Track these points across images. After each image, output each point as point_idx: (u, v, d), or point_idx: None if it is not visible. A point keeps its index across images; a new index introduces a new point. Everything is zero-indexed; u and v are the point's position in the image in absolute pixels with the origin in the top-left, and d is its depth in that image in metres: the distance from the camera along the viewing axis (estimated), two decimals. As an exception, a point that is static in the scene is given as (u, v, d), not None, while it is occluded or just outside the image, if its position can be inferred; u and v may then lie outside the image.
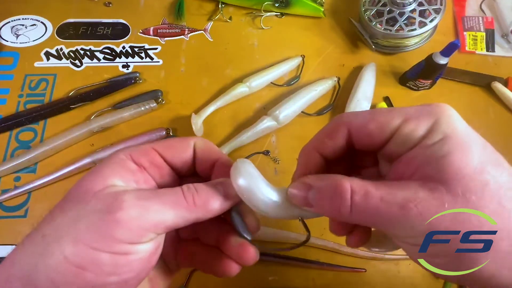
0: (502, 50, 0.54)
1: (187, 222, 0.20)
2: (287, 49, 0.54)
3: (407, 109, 0.20)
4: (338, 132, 0.22)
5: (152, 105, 0.47)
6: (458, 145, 0.18)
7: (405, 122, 0.20)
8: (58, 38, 0.53)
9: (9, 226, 0.41)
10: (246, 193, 0.21)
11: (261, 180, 0.22)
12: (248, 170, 0.22)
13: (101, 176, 0.20)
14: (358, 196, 0.19)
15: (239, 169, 0.21)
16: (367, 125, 0.21)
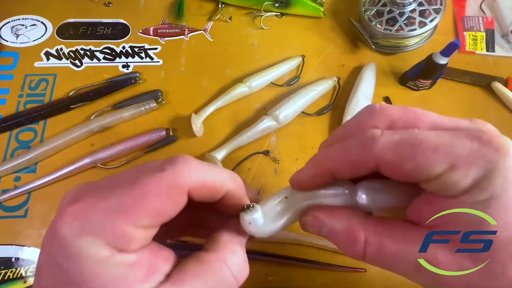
0: (502, 50, 0.54)
1: None
2: (287, 49, 0.54)
3: (457, 148, 0.16)
4: (364, 164, 0.18)
5: (152, 105, 0.47)
6: (502, 213, 0.15)
7: (451, 169, 0.16)
8: (58, 38, 0.53)
9: (9, 226, 0.41)
10: (258, 236, 0.22)
11: (269, 223, 0.22)
12: (256, 221, 0.21)
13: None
14: (371, 248, 0.18)
15: (246, 223, 0.21)
16: (402, 164, 0.17)
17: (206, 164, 0.20)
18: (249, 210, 0.21)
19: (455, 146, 0.16)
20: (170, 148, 0.46)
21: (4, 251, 0.40)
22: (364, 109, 0.21)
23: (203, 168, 0.19)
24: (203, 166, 0.19)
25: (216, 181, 0.20)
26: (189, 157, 0.19)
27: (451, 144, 0.16)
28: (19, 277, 0.39)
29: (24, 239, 0.40)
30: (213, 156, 0.43)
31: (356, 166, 0.19)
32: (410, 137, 0.17)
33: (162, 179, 0.18)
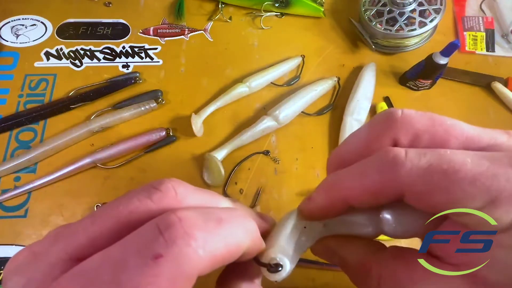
0: (502, 50, 0.54)
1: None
2: (287, 49, 0.54)
3: (501, 181, 0.13)
4: (385, 193, 0.16)
5: (152, 105, 0.47)
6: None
7: (491, 205, 0.13)
8: (58, 38, 0.53)
9: (9, 226, 0.41)
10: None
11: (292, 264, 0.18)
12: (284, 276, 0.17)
13: None
14: (386, 285, 0.16)
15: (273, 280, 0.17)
16: (433, 196, 0.14)
17: (210, 217, 0.14)
18: (276, 271, 0.16)
19: (498, 177, 0.14)
20: (170, 148, 0.46)
21: (4, 251, 0.40)
22: (381, 116, 0.18)
23: (209, 235, 0.13)
24: (208, 230, 0.14)
25: (231, 249, 0.14)
26: (189, 218, 0.13)
27: (493, 174, 0.14)
28: (19, 277, 0.39)
29: (24, 239, 0.40)
30: (213, 156, 0.43)
31: (376, 195, 0.16)
32: (442, 162, 0.14)
33: (158, 275, 0.12)
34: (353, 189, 0.16)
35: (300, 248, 0.18)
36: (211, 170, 0.43)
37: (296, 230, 0.19)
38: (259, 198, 0.43)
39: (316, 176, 0.45)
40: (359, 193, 0.16)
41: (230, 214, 0.15)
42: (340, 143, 0.46)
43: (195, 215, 0.14)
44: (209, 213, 0.15)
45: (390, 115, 0.17)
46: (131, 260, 0.12)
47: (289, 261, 0.17)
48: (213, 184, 0.43)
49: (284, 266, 0.17)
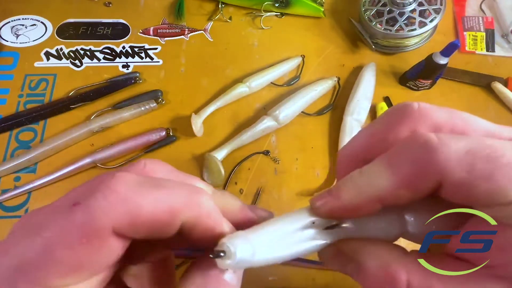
0: (502, 50, 0.54)
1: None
2: (287, 49, 0.54)
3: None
4: (423, 183, 0.14)
5: (152, 105, 0.47)
6: None
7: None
8: (58, 38, 0.53)
9: (9, 226, 0.41)
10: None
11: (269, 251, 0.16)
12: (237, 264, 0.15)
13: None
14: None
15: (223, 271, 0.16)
16: (474, 183, 0.13)
17: (150, 181, 0.14)
18: (217, 257, 0.15)
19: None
20: (170, 148, 0.46)
21: (4, 251, 0.40)
22: (397, 108, 0.16)
23: (136, 192, 0.14)
24: (138, 189, 0.14)
25: (158, 212, 0.14)
26: (121, 176, 0.14)
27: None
28: (19, 277, 0.39)
29: (24, 239, 0.40)
30: (213, 156, 0.43)
31: (412, 189, 0.14)
32: (483, 146, 0.13)
33: (71, 221, 0.13)
34: (388, 185, 0.14)
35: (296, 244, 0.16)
36: (211, 170, 0.43)
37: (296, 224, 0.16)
38: (259, 198, 0.43)
39: (316, 176, 0.45)
40: (395, 189, 0.14)
41: (176, 184, 0.15)
42: (346, 142, 0.46)
43: (133, 177, 0.14)
44: (154, 180, 0.15)
45: (407, 107, 0.16)
46: (55, 208, 0.14)
47: (242, 250, 0.15)
48: (213, 184, 0.43)
49: (228, 254, 0.14)
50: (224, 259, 0.15)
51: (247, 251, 0.15)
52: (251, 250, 0.15)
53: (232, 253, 0.14)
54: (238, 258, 0.14)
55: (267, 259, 0.15)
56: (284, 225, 0.16)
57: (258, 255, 0.15)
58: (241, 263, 0.15)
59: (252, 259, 0.15)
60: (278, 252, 0.16)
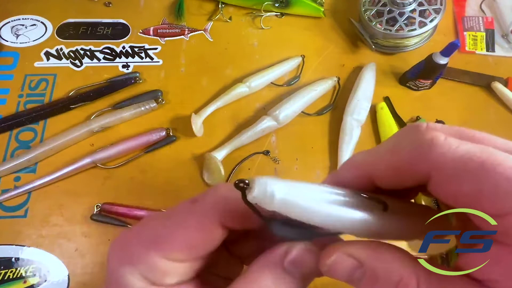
0: (502, 50, 0.54)
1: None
2: (287, 49, 0.54)
3: None
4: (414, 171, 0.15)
5: (152, 105, 0.47)
6: None
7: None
8: (58, 38, 0.53)
9: (9, 226, 0.41)
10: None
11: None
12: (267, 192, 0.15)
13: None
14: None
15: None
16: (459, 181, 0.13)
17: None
18: (241, 188, 0.15)
19: None
20: (170, 148, 0.46)
21: (4, 251, 0.40)
22: (404, 130, 0.16)
23: (234, 192, 0.16)
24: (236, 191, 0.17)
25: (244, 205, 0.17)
26: (224, 184, 0.18)
27: None
28: (19, 277, 0.39)
29: (24, 239, 0.40)
30: (213, 156, 0.43)
31: (402, 174, 0.15)
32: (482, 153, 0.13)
33: (191, 210, 0.18)
34: (381, 164, 0.16)
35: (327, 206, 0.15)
36: (211, 170, 0.43)
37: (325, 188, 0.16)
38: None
39: (316, 176, 0.45)
40: (386, 169, 0.16)
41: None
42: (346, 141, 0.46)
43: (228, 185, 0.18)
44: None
45: (414, 127, 0.16)
46: (181, 203, 0.18)
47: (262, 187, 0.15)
48: (213, 184, 0.43)
49: (251, 186, 0.15)
50: (247, 190, 0.15)
51: (270, 187, 0.15)
52: (274, 188, 0.15)
53: (253, 189, 0.15)
54: (257, 193, 0.15)
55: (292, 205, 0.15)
56: (315, 185, 0.16)
57: (283, 196, 0.15)
58: (262, 196, 0.15)
59: (274, 199, 0.15)
60: (305, 201, 0.15)
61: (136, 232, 0.18)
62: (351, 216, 0.15)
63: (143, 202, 0.42)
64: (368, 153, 0.17)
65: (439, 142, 0.14)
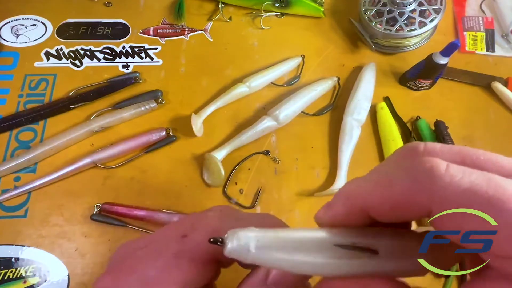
0: (502, 50, 0.54)
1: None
2: (287, 49, 0.54)
3: None
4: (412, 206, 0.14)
5: (152, 105, 0.47)
6: None
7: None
8: (58, 38, 0.53)
9: (9, 226, 0.41)
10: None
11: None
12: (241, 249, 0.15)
13: None
14: None
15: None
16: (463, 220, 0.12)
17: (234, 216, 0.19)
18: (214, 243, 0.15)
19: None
20: (170, 148, 0.46)
21: (4, 251, 0.40)
22: (400, 151, 0.15)
23: (223, 223, 0.18)
24: (225, 221, 0.18)
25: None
26: (212, 215, 0.18)
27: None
28: (19, 277, 0.39)
29: (24, 239, 0.40)
30: (213, 156, 0.43)
31: (399, 208, 0.14)
32: (489, 185, 0.12)
33: (183, 249, 0.17)
34: (375, 197, 0.14)
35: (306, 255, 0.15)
36: (211, 170, 0.43)
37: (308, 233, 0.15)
38: (259, 198, 0.43)
39: (316, 176, 0.45)
40: (381, 202, 0.14)
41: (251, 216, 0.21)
42: (346, 141, 0.46)
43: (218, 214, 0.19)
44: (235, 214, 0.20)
45: (410, 148, 0.15)
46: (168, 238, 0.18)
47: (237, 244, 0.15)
48: (213, 184, 0.43)
49: (225, 243, 0.15)
50: (223, 248, 0.15)
51: (244, 241, 0.15)
52: (249, 242, 0.15)
53: (226, 245, 0.15)
54: (229, 248, 0.15)
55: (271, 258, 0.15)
56: (295, 231, 0.15)
57: (257, 249, 0.15)
58: (237, 252, 0.15)
59: (249, 251, 0.15)
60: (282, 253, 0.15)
61: (124, 275, 0.17)
62: (334, 265, 0.15)
63: (143, 202, 0.42)
64: (360, 184, 0.15)
65: (440, 173, 0.13)
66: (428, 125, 0.47)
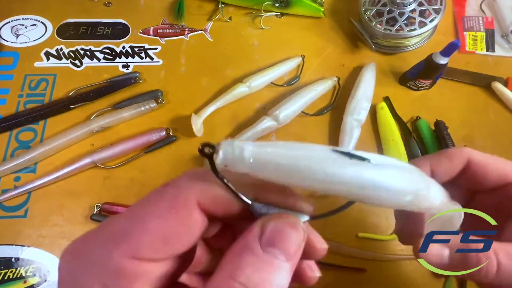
0: (502, 50, 0.54)
1: None
2: (287, 49, 0.54)
3: None
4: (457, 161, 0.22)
5: (152, 105, 0.47)
6: None
7: None
8: (58, 38, 0.53)
9: (9, 226, 0.41)
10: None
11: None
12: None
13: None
14: (502, 256, 0.18)
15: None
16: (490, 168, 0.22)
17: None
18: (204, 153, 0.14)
19: None
20: (170, 148, 0.46)
21: (4, 251, 0.40)
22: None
23: (210, 175, 0.15)
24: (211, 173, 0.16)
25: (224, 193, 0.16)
26: (200, 168, 0.17)
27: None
28: (19, 277, 0.39)
29: (24, 239, 0.40)
30: None
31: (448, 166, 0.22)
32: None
33: (162, 195, 0.15)
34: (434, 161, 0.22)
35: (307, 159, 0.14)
36: (211, 170, 0.43)
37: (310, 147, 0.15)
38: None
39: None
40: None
41: None
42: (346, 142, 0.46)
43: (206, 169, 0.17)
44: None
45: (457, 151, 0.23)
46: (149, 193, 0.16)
47: (229, 146, 0.14)
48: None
49: (217, 150, 0.14)
50: (215, 157, 0.14)
51: (239, 146, 0.14)
52: (244, 146, 0.14)
53: (220, 155, 0.14)
54: (222, 154, 0.14)
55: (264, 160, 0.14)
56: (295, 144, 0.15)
57: (251, 154, 0.14)
58: (230, 159, 0.14)
59: (244, 155, 0.14)
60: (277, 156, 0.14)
61: (92, 234, 0.15)
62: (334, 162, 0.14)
63: (143, 202, 0.42)
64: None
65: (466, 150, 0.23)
66: (428, 125, 0.47)
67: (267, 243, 0.14)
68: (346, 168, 0.14)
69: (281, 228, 0.15)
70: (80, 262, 0.14)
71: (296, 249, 0.15)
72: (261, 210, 0.16)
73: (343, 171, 0.14)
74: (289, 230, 0.15)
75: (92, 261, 0.14)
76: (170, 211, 0.14)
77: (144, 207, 0.14)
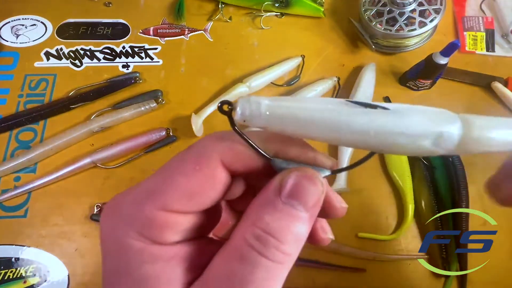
0: (502, 50, 0.54)
1: None
2: (287, 49, 0.54)
3: None
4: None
5: (152, 105, 0.47)
6: None
7: None
8: (58, 38, 0.53)
9: (9, 226, 0.41)
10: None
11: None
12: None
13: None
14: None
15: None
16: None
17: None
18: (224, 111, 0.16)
19: None
20: (170, 148, 0.46)
21: (4, 251, 0.40)
22: None
23: (233, 135, 0.16)
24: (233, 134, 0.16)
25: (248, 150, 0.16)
26: (220, 131, 0.18)
27: None
28: (19, 277, 0.39)
29: (24, 239, 0.40)
30: None
31: None
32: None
33: (187, 154, 0.16)
34: None
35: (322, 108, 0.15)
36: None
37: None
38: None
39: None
40: None
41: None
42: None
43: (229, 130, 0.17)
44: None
45: None
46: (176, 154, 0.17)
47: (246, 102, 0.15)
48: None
49: (235, 106, 0.15)
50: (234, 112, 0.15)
51: (255, 100, 0.15)
52: (260, 100, 0.15)
53: (237, 110, 0.15)
54: (239, 109, 0.15)
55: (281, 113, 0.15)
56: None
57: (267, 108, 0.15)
58: (247, 114, 0.15)
59: (261, 108, 0.15)
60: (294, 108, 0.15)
61: (128, 192, 0.16)
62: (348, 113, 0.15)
63: (143, 202, 0.42)
64: None
65: None
66: (428, 125, 0.47)
67: (287, 195, 0.15)
68: (359, 116, 0.15)
69: (300, 180, 0.15)
70: (118, 215, 0.16)
71: (315, 201, 0.15)
72: (281, 165, 0.16)
73: (355, 119, 0.15)
74: (307, 182, 0.15)
75: (128, 214, 0.15)
76: (195, 169, 0.16)
77: (171, 166, 0.16)
